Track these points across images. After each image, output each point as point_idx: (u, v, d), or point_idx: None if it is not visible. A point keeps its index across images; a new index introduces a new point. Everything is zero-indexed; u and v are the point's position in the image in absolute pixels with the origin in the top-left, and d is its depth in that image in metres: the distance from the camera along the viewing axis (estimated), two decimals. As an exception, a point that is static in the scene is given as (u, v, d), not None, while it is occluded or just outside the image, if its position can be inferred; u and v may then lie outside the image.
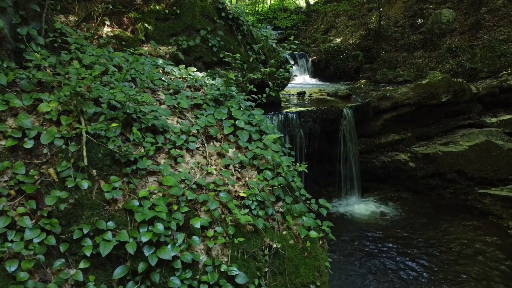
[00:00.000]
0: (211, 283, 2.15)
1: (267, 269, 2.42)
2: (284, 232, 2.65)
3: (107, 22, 4.67)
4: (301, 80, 13.03)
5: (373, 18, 15.39)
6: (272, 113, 5.68)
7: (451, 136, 7.68)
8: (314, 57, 13.79)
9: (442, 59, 12.30)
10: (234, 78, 3.35)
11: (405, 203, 6.78)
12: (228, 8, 5.56)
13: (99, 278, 2.07)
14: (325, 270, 2.64)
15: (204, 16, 5.21)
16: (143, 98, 2.66)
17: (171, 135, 2.65)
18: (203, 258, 2.24)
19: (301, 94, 7.97)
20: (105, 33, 4.56)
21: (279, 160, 2.83)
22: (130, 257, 2.11)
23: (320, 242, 2.76)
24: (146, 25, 4.86)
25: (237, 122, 3.06)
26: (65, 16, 4.69)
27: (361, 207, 6.65)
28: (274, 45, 6.13)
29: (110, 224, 2.13)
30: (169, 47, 4.89)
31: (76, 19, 4.67)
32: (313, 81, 13.25)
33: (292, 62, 13.17)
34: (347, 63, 13.93)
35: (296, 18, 18.17)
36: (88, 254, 2.02)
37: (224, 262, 2.29)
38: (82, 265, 2.03)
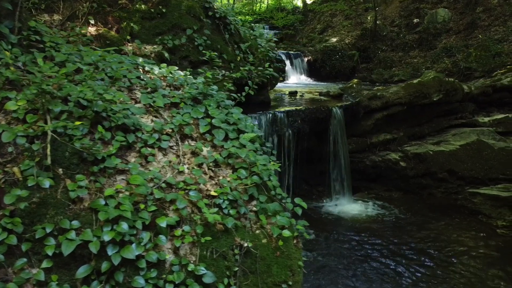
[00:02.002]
0: (176, 283, 2.13)
1: (237, 269, 2.40)
2: (257, 231, 2.63)
3: (92, 21, 4.66)
4: (296, 79, 13.01)
5: (369, 18, 15.36)
6: (260, 112, 5.66)
7: (443, 135, 7.65)
8: (310, 57, 13.76)
9: (438, 58, 12.28)
10: (211, 76, 3.33)
11: (396, 202, 6.76)
12: (215, 7, 5.54)
13: (63, 278, 2.05)
14: (298, 269, 2.62)
15: (191, 15, 5.19)
16: (116, 96, 2.64)
17: (142, 134, 2.63)
18: (170, 257, 2.22)
19: (292, 94, 7.95)
20: (89, 32, 4.55)
21: (253, 158, 2.81)
22: (94, 257, 2.09)
23: (295, 241, 2.74)
24: (132, 24, 4.85)
25: (213, 120, 3.04)
26: (49, 15, 4.68)
27: (351, 207, 6.63)
28: (263, 44, 6.10)
29: (75, 223, 2.11)
30: (155, 46, 4.87)
31: (61, 18, 4.66)
32: (309, 80, 13.23)
33: (287, 62, 13.15)
34: (343, 62, 13.90)
35: (292, 18, 18.14)
36: (50, 254, 2.00)
37: (192, 262, 2.27)
38: (45, 264, 2.01)
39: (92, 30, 4.64)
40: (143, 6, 4.98)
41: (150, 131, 2.69)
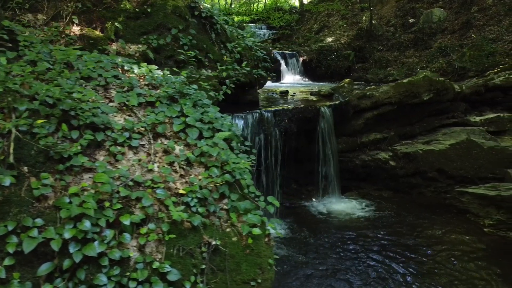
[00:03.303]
0: (140, 280, 2.13)
1: (204, 266, 2.40)
2: (227, 229, 2.63)
3: (76, 21, 4.67)
4: (291, 79, 13.01)
5: (364, 18, 15.35)
6: (247, 112, 5.65)
7: (434, 135, 7.63)
8: (305, 57, 13.75)
9: (432, 58, 12.27)
10: (185, 75, 3.33)
11: (385, 202, 6.74)
12: (201, 6, 5.55)
13: (25, 276, 2.05)
14: (268, 267, 2.62)
15: (176, 14, 5.20)
16: (87, 94, 2.65)
17: (112, 132, 2.64)
18: (134, 255, 2.22)
19: (283, 93, 7.95)
20: (73, 32, 4.56)
21: (225, 157, 2.81)
22: (58, 254, 2.09)
23: (266, 239, 2.74)
24: (116, 23, 4.85)
25: (187, 119, 3.05)
26: (33, 15, 4.69)
27: (341, 206, 6.62)
28: (250, 43, 6.10)
29: (38, 221, 2.12)
30: (139, 45, 4.88)
31: (45, 17, 4.67)
32: (304, 80, 13.23)
33: (282, 61, 13.16)
34: (338, 62, 13.89)
35: (289, 17, 18.15)
36: (11, 251, 2.00)
37: (157, 259, 2.27)
38: (7, 262, 2.02)
39: (76, 29, 4.65)
40: (128, 6, 4.99)
41: (121, 130, 2.69)
